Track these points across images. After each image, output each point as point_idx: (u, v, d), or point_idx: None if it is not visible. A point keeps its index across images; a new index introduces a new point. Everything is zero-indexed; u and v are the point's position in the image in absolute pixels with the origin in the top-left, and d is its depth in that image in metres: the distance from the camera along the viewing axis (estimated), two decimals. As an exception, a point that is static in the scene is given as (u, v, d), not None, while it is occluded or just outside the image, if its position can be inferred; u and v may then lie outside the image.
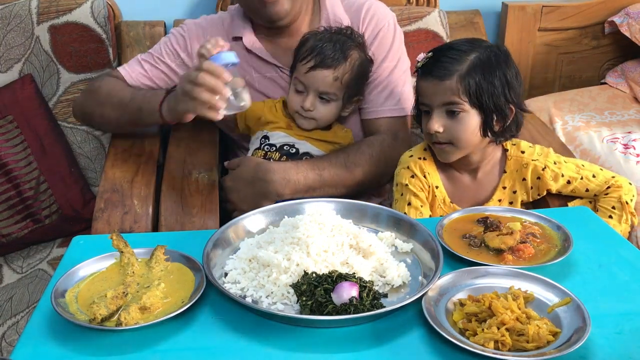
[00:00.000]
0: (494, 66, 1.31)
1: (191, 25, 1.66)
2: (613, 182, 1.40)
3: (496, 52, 1.34)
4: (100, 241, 1.12)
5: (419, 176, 1.41)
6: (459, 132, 1.32)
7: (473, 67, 1.30)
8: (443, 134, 1.33)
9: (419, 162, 1.42)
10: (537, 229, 1.12)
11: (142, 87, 1.63)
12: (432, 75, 1.32)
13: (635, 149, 2.03)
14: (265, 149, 1.54)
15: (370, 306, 0.91)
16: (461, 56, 1.31)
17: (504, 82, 1.31)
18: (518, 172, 1.41)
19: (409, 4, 2.12)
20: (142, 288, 0.95)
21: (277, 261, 0.98)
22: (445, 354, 0.84)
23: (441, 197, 1.42)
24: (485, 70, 1.30)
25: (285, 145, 1.53)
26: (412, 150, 1.47)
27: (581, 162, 1.42)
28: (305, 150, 1.53)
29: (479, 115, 1.32)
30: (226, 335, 0.89)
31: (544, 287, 0.94)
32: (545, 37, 2.44)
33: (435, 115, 1.33)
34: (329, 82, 1.48)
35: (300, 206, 1.17)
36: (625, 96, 2.40)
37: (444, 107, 1.32)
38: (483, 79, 1.30)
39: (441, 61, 1.32)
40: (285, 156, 1.52)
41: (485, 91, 1.30)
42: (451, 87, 1.30)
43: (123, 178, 1.50)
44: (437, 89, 1.31)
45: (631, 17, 2.36)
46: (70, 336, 0.88)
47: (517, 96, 1.34)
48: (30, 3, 1.83)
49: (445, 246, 1.05)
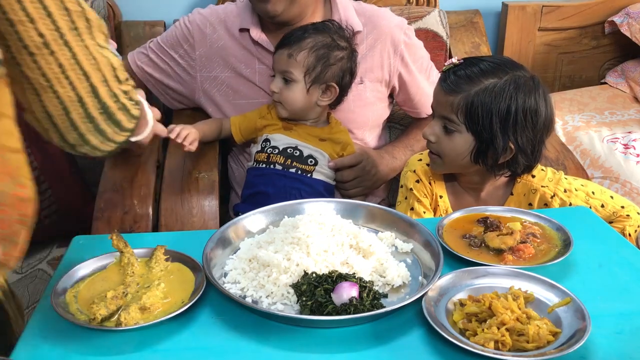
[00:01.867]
0: (506, 99, 1.23)
1: (196, 15, 1.68)
2: (621, 212, 1.33)
3: (520, 84, 1.25)
4: (100, 241, 1.12)
5: (424, 182, 1.39)
6: (447, 149, 1.30)
7: (483, 92, 1.24)
8: (434, 144, 1.32)
9: (426, 169, 1.40)
10: (537, 229, 1.12)
11: (146, 74, 1.68)
12: (443, 85, 1.29)
13: (635, 149, 2.03)
14: (268, 152, 1.54)
15: (370, 306, 0.91)
16: (479, 77, 1.25)
17: (511, 119, 1.23)
18: (525, 196, 1.36)
19: (409, 3, 2.12)
20: (142, 288, 0.95)
21: (277, 261, 0.98)
22: (445, 354, 0.84)
23: (444, 207, 1.39)
24: (494, 101, 1.23)
25: (289, 147, 1.53)
26: (422, 154, 1.44)
27: (592, 189, 1.35)
28: (309, 153, 1.53)
29: (473, 141, 1.27)
30: (226, 335, 0.89)
31: (544, 287, 0.94)
32: (545, 37, 2.44)
33: (433, 124, 1.32)
34: (285, 60, 1.48)
35: (300, 206, 1.17)
36: (625, 96, 2.40)
37: (442, 120, 1.30)
38: (486, 109, 1.23)
39: (458, 75, 1.27)
40: (289, 159, 1.52)
41: (483, 121, 1.24)
42: (452, 104, 1.27)
43: (123, 178, 1.49)
44: (441, 100, 1.30)
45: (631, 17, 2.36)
46: (70, 336, 0.88)
47: (526, 138, 1.25)
48: (30, 3, 1.83)
49: (445, 246, 1.05)
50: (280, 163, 1.52)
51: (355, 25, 1.60)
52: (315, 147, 1.54)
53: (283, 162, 1.52)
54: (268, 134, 1.56)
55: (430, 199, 1.40)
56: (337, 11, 1.61)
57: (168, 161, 1.59)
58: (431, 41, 1.97)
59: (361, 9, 1.66)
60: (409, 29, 1.67)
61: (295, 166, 1.52)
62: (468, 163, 1.30)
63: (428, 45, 1.87)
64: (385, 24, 1.64)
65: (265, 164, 1.54)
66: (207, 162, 1.59)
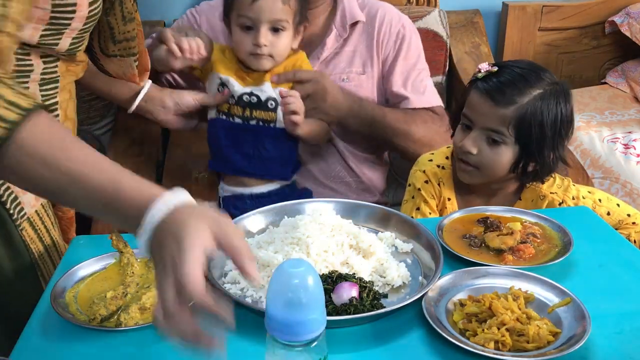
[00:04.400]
0: (554, 110, 1.23)
1: (204, 6, 1.68)
2: (627, 220, 1.33)
3: (558, 92, 1.25)
4: (100, 241, 1.11)
5: (433, 183, 1.37)
6: (491, 162, 1.27)
7: (533, 104, 1.22)
8: (475, 156, 1.27)
9: (436, 170, 1.38)
10: (537, 229, 1.12)
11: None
12: (491, 96, 1.24)
13: (635, 149, 2.03)
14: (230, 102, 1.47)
15: (370, 306, 0.91)
16: (526, 88, 1.23)
17: (556, 129, 1.24)
18: (533, 202, 1.34)
19: (409, 3, 2.12)
20: (142, 288, 0.95)
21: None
22: (445, 354, 0.84)
23: (452, 209, 1.36)
24: (543, 112, 1.23)
25: (244, 95, 1.45)
26: (434, 154, 1.42)
27: (599, 197, 1.34)
28: (268, 95, 1.45)
29: (518, 153, 1.26)
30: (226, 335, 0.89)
31: (544, 287, 0.94)
32: (546, 37, 2.44)
33: (474, 135, 1.27)
34: (279, 8, 1.38)
35: (300, 206, 1.17)
36: (625, 96, 2.40)
37: (487, 132, 1.26)
38: (538, 120, 1.23)
39: (505, 85, 1.24)
40: (247, 107, 1.46)
41: (535, 135, 1.23)
42: (504, 117, 1.23)
43: (123, 178, 1.49)
44: (489, 112, 1.25)
45: (631, 16, 2.36)
46: (70, 336, 0.88)
47: (563, 145, 1.27)
48: (30, 3, 1.83)
49: (445, 246, 1.05)
50: (239, 115, 1.46)
51: (358, 16, 1.60)
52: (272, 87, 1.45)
53: (241, 113, 1.46)
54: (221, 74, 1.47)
55: (438, 201, 1.38)
56: (341, 3, 1.61)
57: (168, 161, 1.59)
58: (431, 41, 1.97)
59: (362, 1, 1.65)
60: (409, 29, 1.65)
61: (255, 117, 1.46)
62: (506, 172, 1.28)
63: (428, 45, 1.87)
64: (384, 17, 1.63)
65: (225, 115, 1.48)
66: (207, 162, 1.59)
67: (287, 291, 0.65)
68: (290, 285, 0.65)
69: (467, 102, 1.30)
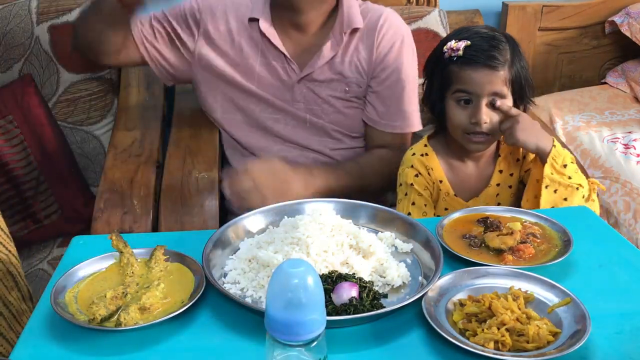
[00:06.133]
0: (521, 54, 1.36)
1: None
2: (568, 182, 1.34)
3: (513, 41, 1.38)
4: (100, 241, 1.12)
5: (423, 174, 1.41)
6: (497, 123, 1.35)
7: (514, 56, 1.34)
8: (487, 124, 1.33)
9: (422, 159, 1.42)
10: (537, 229, 1.12)
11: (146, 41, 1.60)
12: (487, 65, 1.32)
13: (635, 149, 2.03)
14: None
15: (370, 306, 0.91)
16: (502, 45, 1.34)
17: (527, 72, 1.36)
18: (512, 154, 1.43)
19: (409, 3, 2.12)
20: (142, 288, 0.95)
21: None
22: (445, 354, 0.84)
23: (445, 190, 1.43)
24: (520, 59, 1.35)
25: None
26: (413, 148, 1.47)
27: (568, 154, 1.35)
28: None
29: (513, 104, 1.35)
30: (226, 335, 0.89)
31: (544, 287, 0.94)
32: (546, 36, 2.44)
33: (481, 105, 1.33)
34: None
35: (300, 206, 1.17)
36: (625, 96, 2.40)
37: (489, 97, 1.33)
38: (521, 68, 1.35)
39: (490, 50, 1.32)
40: None
41: (524, 79, 1.35)
42: (504, 77, 1.32)
43: (123, 178, 1.49)
44: (490, 79, 1.32)
45: (631, 16, 2.36)
46: (69, 336, 0.88)
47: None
48: (30, 3, 1.83)
49: (445, 246, 1.05)
50: None
51: (357, 22, 1.56)
52: None
53: None
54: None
55: (431, 189, 1.42)
56: (342, 9, 1.57)
57: (168, 161, 1.59)
58: (431, 41, 1.97)
59: (365, 8, 1.62)
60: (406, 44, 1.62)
61: None
62: None
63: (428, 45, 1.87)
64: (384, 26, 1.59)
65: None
66: (207, 162, 1.59)
67: (287, 291, 0.65)
68: (290, 285, 0.65)
69: (456, 81, 1.35)
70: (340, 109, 1.62)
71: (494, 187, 1.44)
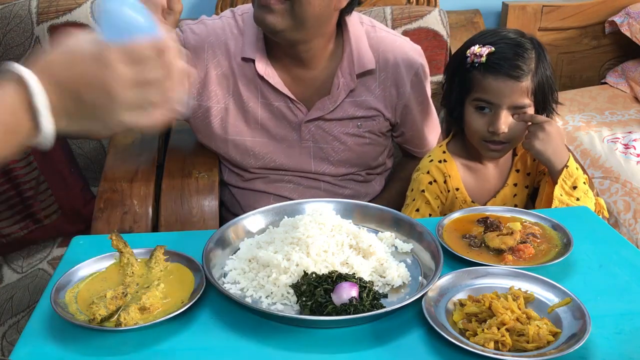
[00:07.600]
0: (546, 61, 1.33)
1: (189, 34, 1.47)
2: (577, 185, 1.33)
3: (541, 46, 1.34)
4: (100, 241, 1.12)
5: (439, 181, 1.39)
6: (519, 132, 1.33)
7: (539, 66, 1.31)
8: (506, 133, 1.32)
9: (439, 166, 1.40)
10: (537, 229, 1.12)
11: None
12: (509, 75, 1.28)
13: (635, 149, 2.03)
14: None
15: (370, 306, 0.91)
16: (528, 53, 1.30)
17: (552, 79, 1.34)
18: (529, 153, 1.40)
19: (409, 3, 2.12)
20: (142, 288, 0.95)
21: (276, 261, 0.98)
22: (445, 354, 0.84)
23: (462, 198, 1.40)
24: (546, 69, 1.32)
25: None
26: (431, 154, 1.44)
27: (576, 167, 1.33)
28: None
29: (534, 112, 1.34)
30: (226, 335, 0.89)
31: (544, 287, 0.94)
32: (546, 36, 2.44)
33: (502, 115, 1.30)
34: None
35: (300, 206, 1.17)
36: (625, 96, 2.40)
37: (512, 109, 1.31)
38: (546, 79, 1.32)
39: (514, 59, 1.29)
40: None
41: (548, 87, 1.33)
42: (526, 89, 1.29)
43: (123, 178, 1.49)
44: (512, 90, 1.29)
45: (631, 16, 2.36)
46: (69, 336, 0.88)
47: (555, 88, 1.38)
48: (30, 3, 1.83)
49: (445, 246, 1.05)
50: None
51: (368, 63, 1.44)
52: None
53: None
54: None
55: (444, 198, 1.40)
56: (349, 44, 1.44)
57: (168, 161, 1.59)
58: (432, 40, 1.96)
59: (375, 42, 1.48)
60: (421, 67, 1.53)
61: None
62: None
63: (429, 45, 1.87)
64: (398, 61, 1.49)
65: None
66: (207, 162, 1.58)
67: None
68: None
69: (476, 88, 1.32)
70: (351, 147, 1.52)
71: (511, 187, 1.42)
